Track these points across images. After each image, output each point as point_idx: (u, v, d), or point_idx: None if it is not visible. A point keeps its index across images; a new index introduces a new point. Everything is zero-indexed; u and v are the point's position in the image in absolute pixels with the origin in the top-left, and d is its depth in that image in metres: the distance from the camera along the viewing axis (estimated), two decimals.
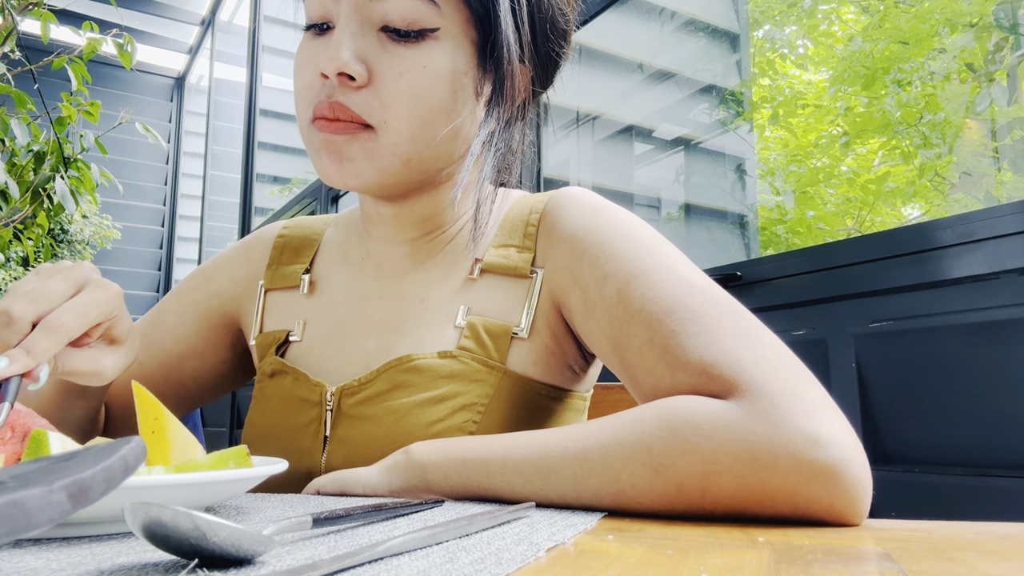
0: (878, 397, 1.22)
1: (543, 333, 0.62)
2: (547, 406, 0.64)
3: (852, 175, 3.30)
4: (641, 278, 0.54)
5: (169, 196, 5.64)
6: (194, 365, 0.76)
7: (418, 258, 0.68)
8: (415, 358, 0.61)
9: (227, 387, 0.80)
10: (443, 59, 0.58)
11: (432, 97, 0.58)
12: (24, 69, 2.10)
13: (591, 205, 0.63)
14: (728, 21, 2.80)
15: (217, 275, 0.78)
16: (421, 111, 0.58)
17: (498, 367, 0.61)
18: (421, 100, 0.58)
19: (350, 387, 0.62)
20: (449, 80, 0.58)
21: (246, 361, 0.79)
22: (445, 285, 0.66)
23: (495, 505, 0.46)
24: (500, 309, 0.63)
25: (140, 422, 0.46)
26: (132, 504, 0.26)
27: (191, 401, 0.78)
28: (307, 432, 0.63)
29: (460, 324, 0.63)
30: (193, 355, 0.76)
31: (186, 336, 0.76)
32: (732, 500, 0.42)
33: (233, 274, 0.77)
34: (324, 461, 0.62)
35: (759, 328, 0.50)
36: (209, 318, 0.76)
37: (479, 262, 0.65)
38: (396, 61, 0.57)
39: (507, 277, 0.64)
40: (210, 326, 0.76)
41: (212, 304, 0.76)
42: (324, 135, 0.58)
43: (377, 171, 0.59)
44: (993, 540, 0.35)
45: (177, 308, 0.76)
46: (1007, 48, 2.30)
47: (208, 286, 0.77)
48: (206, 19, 5.47)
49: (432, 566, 0.27)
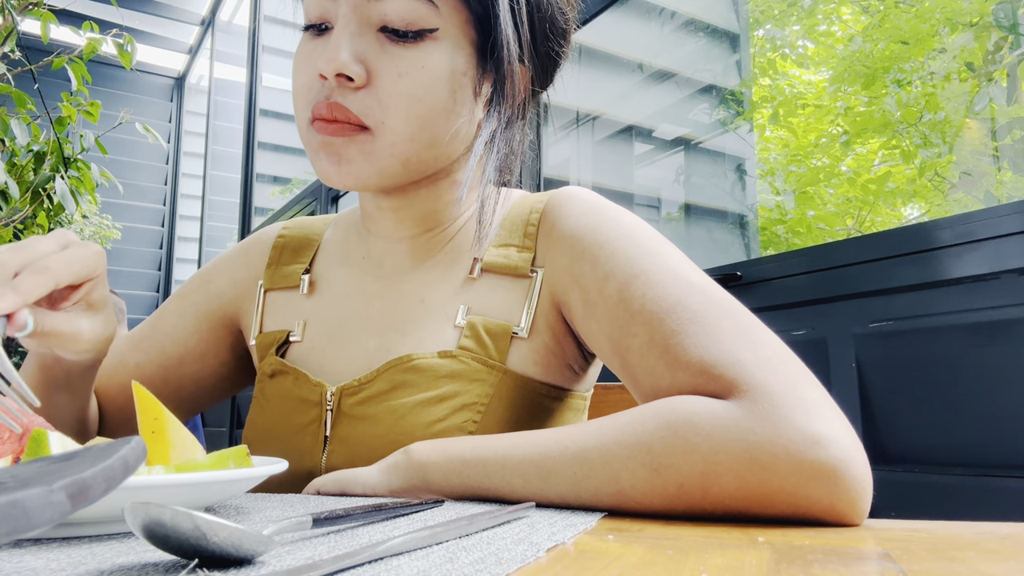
0: (878, 397, 1.22)
1: (543, 333, 0.62)
2: (547, 406, 0.64)
3: (852, 175, 3.30)
4: (642, 278, 0.54)
5: (169, 196, 5.64)
6: (194, 368, 0.76)
7: (418, 256, 0.68)
8: (415, 358, 0.61)
9: (227, 390, 0.80)
10: (442, 59, 0.58)
11: (431, 97, 0.58)
12: (24, 69, 2.10)
13: (592, 205, 0.63)
14: (728, 21, 2.80)
15: (217, 276, 0.77)
16: (420, 111, 0.58)
17: (498, 367, 0.61)
18: (419, 100, 0.58)
19: (350, 387, 0.62)
20: (448, 80, 0.58)
21: (247, 364, 0.79)
22: (445, 285, 0.66)
23: (495, 505, 0.46)
24: (500, 309, 0.63)
25: (140, 422, 0.46)
26: (132, 504, 0.26)
27: (191, 404, 0.77)
28: (307, 432, 0.63)
29: (460, 324, 0.63)
30: (193, 357, 0.76)
31: (186, 338, 0.75)
32: (732, 500, 0.42)
33: (233, 275, 0.77)
34: (324, 461, 0.62)
35: (760, 328, 0.50)
36: (209, 319, 0.76)
37: (479, 261, 0.65)
38: (395, 62, 0.57)
39: (507, 277, 0.64)
40: (210, 327, 0.76)
41: (212, 306, 0.76)
42: (322, 136, 0.59)
43: (376, 172, 0.60)
44: (993, 540, 0.35)
45: (177, 310, 0.76)
46: (1007, 47, 2.30)
47: (208, 288, 0.77)
48: (206, 19, 5.46)
49: (432, 566, 0.27)
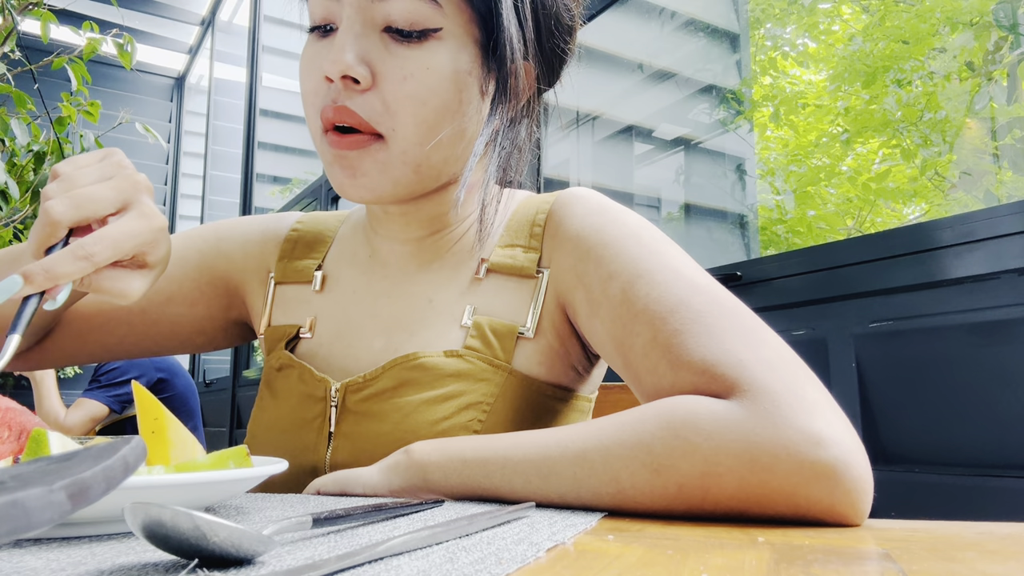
0: (878, 397, 1.22)
1: (548, 333, 0.63)
2: (552, 407, 0.64)
3: (853, 174, 3.30)
4: (645, 277, 0.54)
5: (169, 196, 5.64)
6: (178, 311, 0.74)
7: (424, 258, 0.68)
8: (421, 356, 0.61)
9: (199, 346, 0.77)
10: (446, 59, 0.58)
11: (436, 99, 0.58)
12: (24, 69, 2.10)
13: (597, 205, 0.63)
14: (728, 21, 2.80)
15: (231, 237, 0.76)
16: (426, 114, 0.58)
17: (504, 366, 0.61)
18: (425, 103, 0.57)
19: (355, 383, 0.62)
20: (453, 81, 0.58)
21: (232, 331, 0.78)
22: (452, 285, 0.66)
23: (495, 505, 0.46)
24: (506, 309, 0.63)
25: (140, 422, 0.46)
26: (132, 504, 0.26)
27: (157, 343, 0.75)
28: (312, 427, 0.63)
29: (466, 324, 0.63)
30: (181, 299, 0.74)
31: (181, 279, 0.73)
32: (733, 501, 0.42)
33: (245, 246, 0.76)
34: (329, 457, 0.62)
35: (762, 329, 0.50)
36: (211, 273, 0.74)
37: (485, 262, 0.65)
38: (400, 63, 0.57)
39: (513, 277, 0.64)
40: (209, 281, 0.74)
41: (218, 262, 0.75)
42: (336, 151, 0.59)
43: (390, 182, 0.60)
44: (993, 540, 0.35)
45: (181, 250, 0.74)
46: (1007, 47, 2.30)
47: (219, 245, 0.75)
48: (206, 19, 5.46)
49: (432, 566, 0.27)
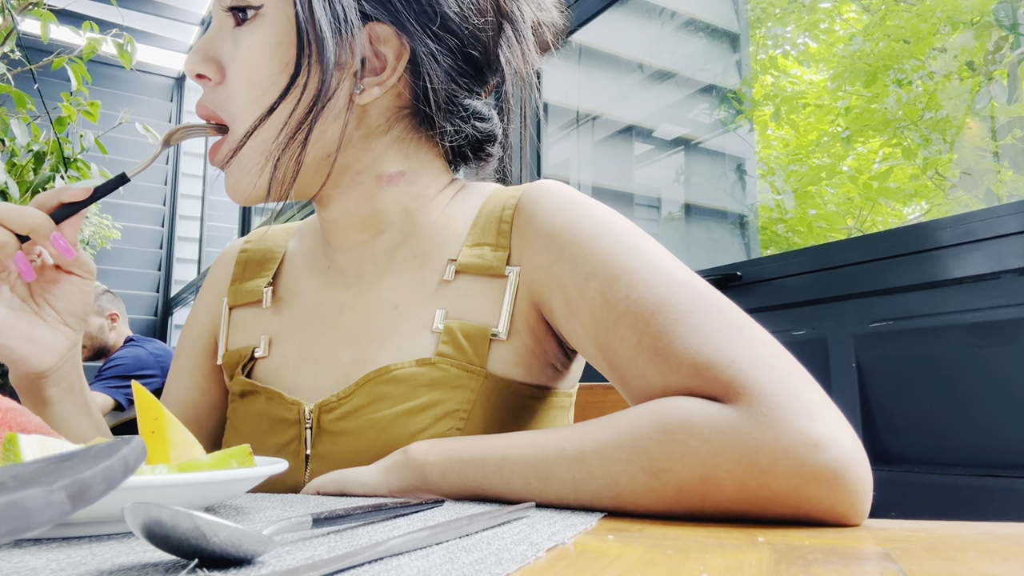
0: (878, 397, 1.22)
1: (523, 333, 0.60)
2: (531, 406, 0.62)
3: (854, 174, 3.30)
4: (624, 278, 0.52)
5: (169, 196, 5.64)
6: (217, 417, 0.75)
7: (381, 262, 0.65)
8: (393, 368, 0.59)
9: None
10: (267, 34, 0.57)
11: (259, 76, 0.57)
12: (24, 69, 2.10)
13: (567, 200, 0.60)
14: (728, 21, 2.80)
15: (195, 318, 0.77)
16: (255, 92, 0.57)
17: (479, 371, 0.58)
18: (250, 81, 0.57)
19: (328, 403, 0.60)
20: (276, 56, 0.57)
21: None
22: (418, 289, 0.63)
23: (495, 505, 0.46)
24: (477, 311, 0.60)
25: (140, 422, 0.46)
26: (132, 504, 0.26)
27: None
28: (287, 452, 0.61)
29: (438, 328, 0.60)
30: (210, 408, 0.75)
31: (193, 399, 0.75)
32: (732, 503, 0.42)
33: (207, 307, 0.76)
34: (307, 480, 0.60)
35: (750, 325, 0.48)
36: (202, 368, 0.75)
37: (453, 262, 0.62)
38: (232, 47, 0.58)
39: (483, 277, 0.61)
40: (204, 376, 0.75)
41: (198, 352, 0.75)
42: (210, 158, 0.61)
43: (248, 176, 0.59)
44: (993, 540, 0.35)
45: (176, 373, 0.76)
46: (1007, 47, 2.30)
47: (191, 334, 0.76)
48: (206, 19, 5.46)
49: (432, 566, 0.27)
